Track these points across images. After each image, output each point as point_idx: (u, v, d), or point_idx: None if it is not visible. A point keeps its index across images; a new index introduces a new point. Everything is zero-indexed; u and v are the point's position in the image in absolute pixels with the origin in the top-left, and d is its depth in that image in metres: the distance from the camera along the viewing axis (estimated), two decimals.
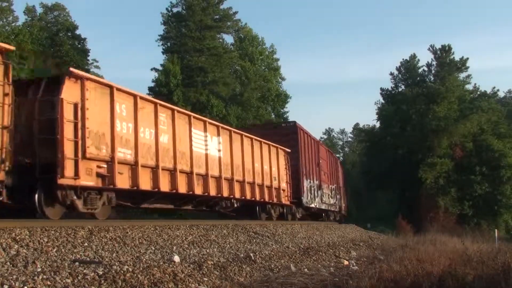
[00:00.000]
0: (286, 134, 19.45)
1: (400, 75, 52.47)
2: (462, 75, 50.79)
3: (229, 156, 13.90)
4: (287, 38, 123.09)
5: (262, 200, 15.74)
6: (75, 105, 8.42)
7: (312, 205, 21.29)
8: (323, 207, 23.42)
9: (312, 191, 21.25)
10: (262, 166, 15.75)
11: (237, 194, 14.05)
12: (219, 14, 40.56)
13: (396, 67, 52.47)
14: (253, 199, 15.10)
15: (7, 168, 7.63)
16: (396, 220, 37.07)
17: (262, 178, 15.70)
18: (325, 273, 8.41)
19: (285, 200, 17.46)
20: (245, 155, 14.76)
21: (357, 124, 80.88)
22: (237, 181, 14.07)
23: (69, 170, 8.10)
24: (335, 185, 27.04)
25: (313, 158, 21.87)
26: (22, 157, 8.08)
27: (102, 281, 5.38)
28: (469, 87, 51.79)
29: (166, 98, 25.27)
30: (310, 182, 20.91)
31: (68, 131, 8.21)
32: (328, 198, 24.68)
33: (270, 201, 16.27)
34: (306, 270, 8.69)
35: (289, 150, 18.13)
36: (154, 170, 10.35)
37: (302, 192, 19.38)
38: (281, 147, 17.55)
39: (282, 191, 17.21)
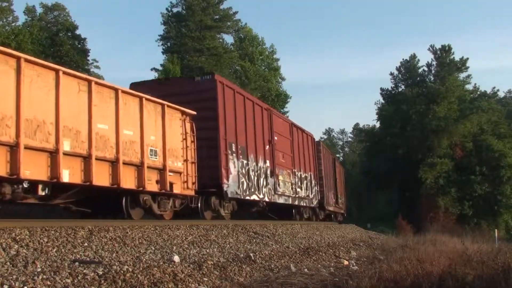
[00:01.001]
0: (201, 92, 13.19)
1: (400, 75, 52.58)
2: (462, 75, 50.96)
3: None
4: (287, 38, 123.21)
5: (128, 188, 9.55)
6: None
7: (253, 197, 14.76)
8: (280, 200, 17.00)
9: (252, 177, 14.74)
10: (140, 135, 9.79)
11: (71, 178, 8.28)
12: (219, 14, 40.60)
13: (396, 67, 52.66)
14: (110, 185, 9.13)
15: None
16: (396, 220, 37.12)
17: (134, 153, 9.62)
18: (325, 273, 8.41)
19: (183, 189, 11.26)
20: (94, 114, 8.78)
21: (357, 124, 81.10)
22: (71, 154, 8.29)
23: None
24: (310, 173, 20.94)
25: (256, 130, 15.34)
26: None
27: (102, 281, 5.38)
28: (469, 87, 51.98)
29: None
30: (246, 163, 14.38)
31: None
32: (293, 188, 18.41)
33: (141, 189, 9.86)
34: (306, 270, 8.69)
35: (193, 113, 11.79)
36: None
37: (223, 177, 12.82)
38: (175, 106, 11.17)
39: (175, 175, 10.91)
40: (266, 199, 15.83)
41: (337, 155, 59.03)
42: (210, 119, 12.79)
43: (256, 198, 15.10)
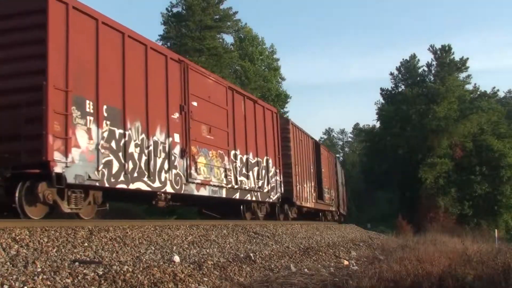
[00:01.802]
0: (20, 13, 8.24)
1: (400, 75, 52.60)
2: (462, 75, 50.96)
3: None
4: (287, 38, 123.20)
5: None
6: None
7: (137, 185, 9.66)
8: (199, 191, 11.89)
9: (136, 156, 9.67)
10: None
11: None
12: (219, 14, 40.54)
13: (396, 67, 52.67)
14: None
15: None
16: (396, 220, 37.12)
17: None
18: (325, 273, 8.41)
19: None
20: None
21: (357, 124, 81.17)
22: None
23: None
24: (266, 158, 15.79)
25: (150, 87, 10.27)
26: None
27: (102, 281, 5.38)
28: (469, 87, 51.99)
29: None
30: (121, 133, 9.34)
31: None
32: (229, 176, 13.25)
33: None
34: (306, 270, 8.69)
35: None
36: None
37: (53, 150, 7.75)
38: None
39: None
40: (170, 189, 10.64)
41: (337, 155, 59.01)
42: (32, 56, 8.03)
43: (145, 188, 9.86)
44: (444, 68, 48.91)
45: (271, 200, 15.96)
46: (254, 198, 14.72)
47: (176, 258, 7.15)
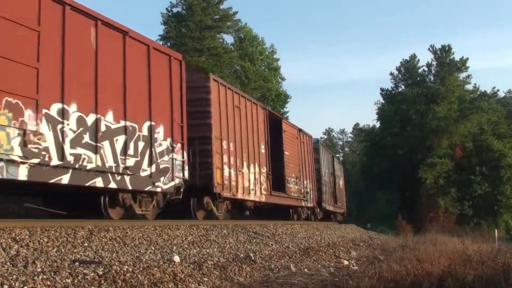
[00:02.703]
0: None
1: (400, 75, 52.63)
2: (462, 75, 51.00)
3: None
4: (287, 38, 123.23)
5: None
6: None
7: None
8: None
9: None
10: None
11: None
12: (219, 14, 40.54)
13: (396, 67, 52.71)
14: None
15: None
16: (396, 220, 37.15)
17: None
18: (325, 273, 8.41)
19: None
20: None
21: (357, 124, 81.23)
22: None
23: None
24: (157, 124, 10.43)
25: None
26: None
27: (102, 281, 5.38)
28: (469, 87, 52.01)
29: None
30: None
31: None
32: (58, 144, 7.92)
33: None
34: (306, 270, 8.69)
35: None
36: None
37: None
38: None
39: None
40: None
41: (337, 155, 59.03)
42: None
43: None
44: (444, 68, 48.93)
45: (159, 189, 10.40)
46: (114, 185, 9.13)
47: (176, 258, 7.15)
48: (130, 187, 9.48)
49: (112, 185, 9.12)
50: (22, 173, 7.37)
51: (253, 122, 15.82)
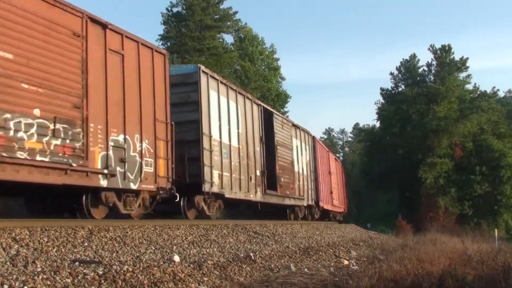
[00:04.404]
0: None
1: (400, 75, 52.56)
2: (462, 75, 50.94)
3: None
4: (287, 38, 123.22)
5: None
6: None
7: None
8: None
9: None
10: None
11: None
12: (219, 14, 40.55)
13: (396, 67, 52.62)
14: None
15: None
16: (396, 220, 37.14)
17: None
18: (325, 273, 8.41)
19: None
20: None
21: (357, 124, 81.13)
22: None
23: None
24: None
25: None
26: None
27: (102, 281, 5.38)
28: (469, 87, 51.97)
29: None
30: None
31: None
32: None
33: None
34: (306, 270, 8.69)
35: None
36: None
37: None
38: None
39: None
40: None
41: (337, 155, 58.98)
42: None
43: None
44: (444, 68, 48.90)
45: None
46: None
47: (176, 258, 7.15)
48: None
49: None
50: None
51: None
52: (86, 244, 7.00)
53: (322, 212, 24.25)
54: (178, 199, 11.06)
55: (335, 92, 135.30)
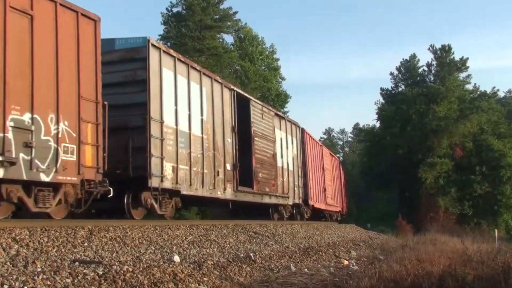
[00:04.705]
0: None
1: (400, 75, 52.55)
2: (462, 75, 50.92)
3: None
4: (287, 38, 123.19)
5: None
6: None
7: None
8: None
9: None
10: None
11: None
12: (219, 14, 40.54)
13: (396, 67, 52.59)
14: None
15: None
16: (396, 220, 37.11)
17: None
18: (325, 273, 8.41)
19: None
20: None
21: (357, 124, 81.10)
22: None
23: None
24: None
25: None
26: None
27: (102, 281, 5.38)
28: (469, 87, 51.93)
29: None
30: None
31: None
32: None
33: None
34: (306, 270, 8.70)
35: None
36: None
37: None
38: None
39: None
40: None
41: (337, 155, 58.99)
42: None
43: None
44: (444, 68, 48.89)
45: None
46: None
47: (176, 258, 7.15)
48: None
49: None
50: None
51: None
52: (86, 244, 7.00)
53: (314, 211, 22.50)
54: (111, 195, 9.11)
55: (335, 92, 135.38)
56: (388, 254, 12.22)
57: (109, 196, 9.10)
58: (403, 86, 52.18)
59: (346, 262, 10.65)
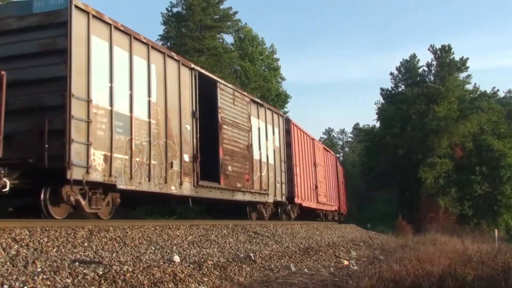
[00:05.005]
0: None
1: (400, 75, 52.59)
2: (462, 75, 50.97)
3: None
4: (287, 38, 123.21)
5: None
6: None
7: None
8: None
9: None
10: None
11: None
12: (219, 14, 40.56)
13: (396, 67, 52.66)
14: None
15: None
16: (396, 220, 37.12)
17: None
18: (325, 273, 8.41)
19: None
20: None
21: (357, 124, 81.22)
22: None
23: None
24: None
25: None
26: None
27: (102, 281, 5.38)
28: (469, 87, 51.99)
29: None
30: None
31: None
32: None
33: None
34: (306, 270, 8.69)
35: None
36: None
37: None
38: None
39: None
40: None
41: (337, 155, 59.01)
42: None
43: None
44: (444, 68, 48.91)
45: None
46: None
47: (176, 258, 7.15)
48: None
49: None
50: None
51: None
52: (86, 244, 7.00)
53: (304, 210, 20.64)
54: (7, 189, 7.52)
55: (335, 92, 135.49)
56: (388, 254, 12.22)
57: (4, 190, 7.47)
58: (403, 86, 52.23)
59: (346, 262, 10.65)
